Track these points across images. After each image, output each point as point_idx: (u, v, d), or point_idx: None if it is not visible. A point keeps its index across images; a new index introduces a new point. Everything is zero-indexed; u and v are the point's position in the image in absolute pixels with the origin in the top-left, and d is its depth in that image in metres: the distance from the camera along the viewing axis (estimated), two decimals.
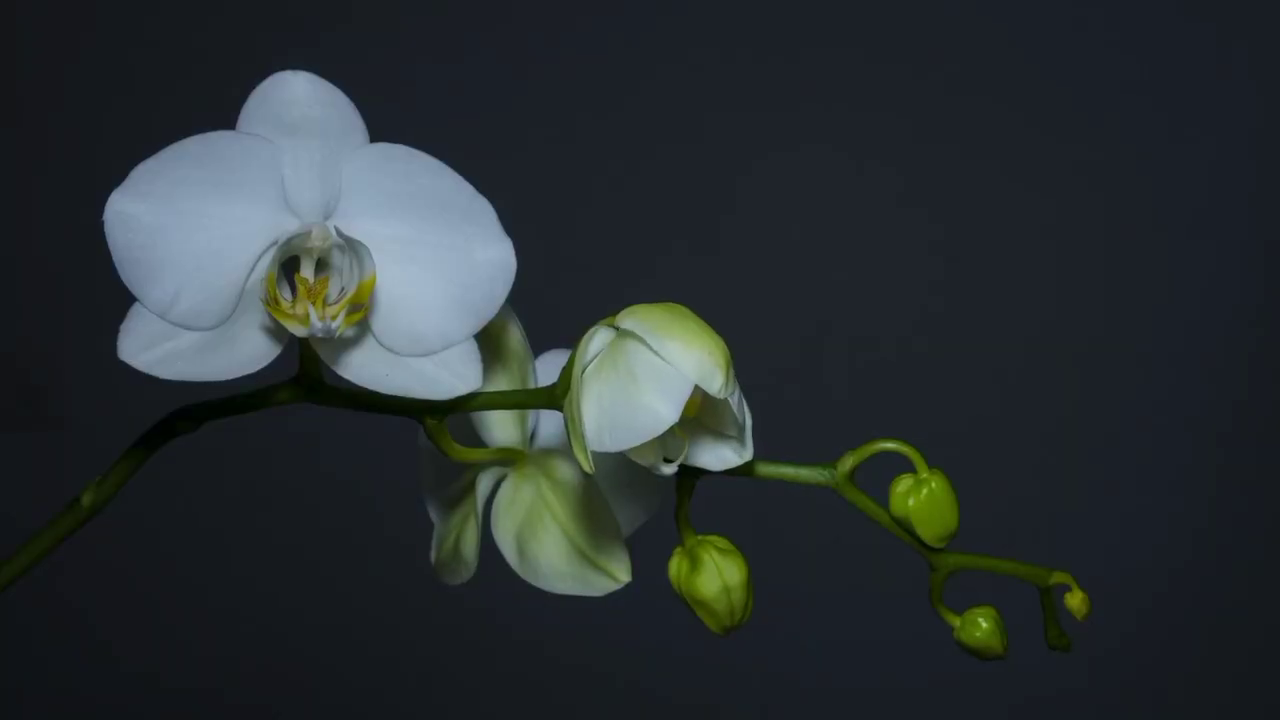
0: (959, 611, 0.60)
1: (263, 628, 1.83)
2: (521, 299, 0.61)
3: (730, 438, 0.59)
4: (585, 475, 0.66)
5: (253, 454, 1.77)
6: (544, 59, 1.82)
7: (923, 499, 0.58)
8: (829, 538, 1.74)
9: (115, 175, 0.55)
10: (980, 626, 0.60)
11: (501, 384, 0.64)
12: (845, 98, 1.82)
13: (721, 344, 0.55)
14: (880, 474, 0.60)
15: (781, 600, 1.52)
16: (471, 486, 0.67)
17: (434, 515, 0.70)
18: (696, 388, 0.54)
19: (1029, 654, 0.74)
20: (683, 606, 0.61)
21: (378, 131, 0.58)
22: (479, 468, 0.66)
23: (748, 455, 0.59)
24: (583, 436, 0.55)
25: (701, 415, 0.58)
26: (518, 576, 0.67)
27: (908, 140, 1.82)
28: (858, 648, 1.81)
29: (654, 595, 0.71)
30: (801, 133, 1.82)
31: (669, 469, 0.56)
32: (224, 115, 0.58)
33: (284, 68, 0.57)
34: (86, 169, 1.76)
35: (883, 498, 0.59)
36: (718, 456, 0.59)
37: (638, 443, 0.54)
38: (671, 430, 0.56)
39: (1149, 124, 1.81)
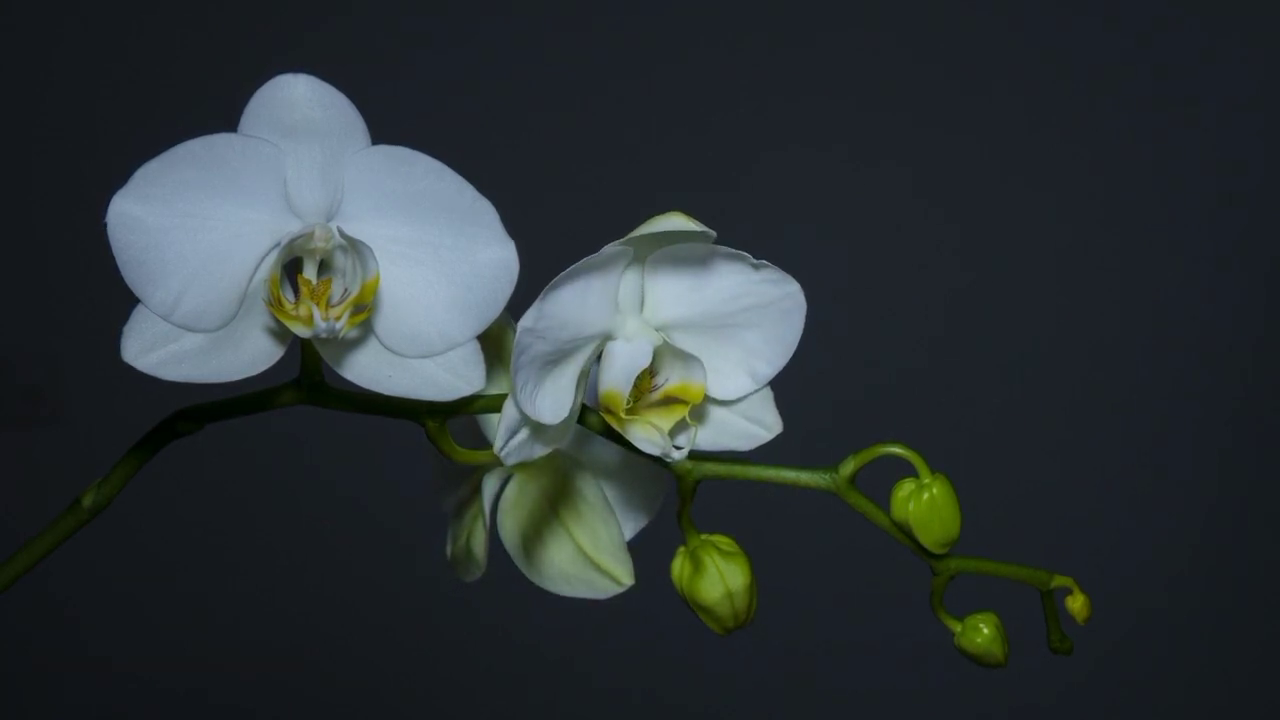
0: (960, 616, 0.60)
1: (260, 629, 1.83)
2: (521, 300, 0.61)
3: (757, 413, 0.59)
4: (590, 478, 0.66)
5: (253, 455, 1.77)
6: (545, 59, 1.82)
7: (924, 504, 0.58)
8: (830, 541, 1.74)
9: (117, 176, 0.55)
10: (981, 632, 0.59)
11: (503, 386, 0.64)
12: (849, 98, 1.82)
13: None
14: (884, 478, 0.60)
15: (782, 603, 1.52)
16: (479, 487, 0.67)
17: (447, 513, 0.70)
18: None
19: (1030, 657, 0.74)
20: (684, 606, 0.60)
21: (379, 132, 0.58)
22: (485, 468, 0.66)
23: (777, 428, 0.59)
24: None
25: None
26: (517, 578, 0.67)
27: (911, 141, 1.82)
28: (858, 651, 1.81)
29: (655, 596, 0.71)
30: (804, 132, 1.82)
31: (679, 455, 0.56)
32: (226, 117, 0.58)
33: (285, 70, 0.57)
34: (87, 170, 1.76)
35: (885, 502, 0.59)
36: (747, 435, 0.60)
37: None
38: (683, 420, 0.56)
39: (1151, 126, 1.81)
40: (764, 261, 0.58)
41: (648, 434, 0.57)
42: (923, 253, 1.83)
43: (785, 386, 0.61)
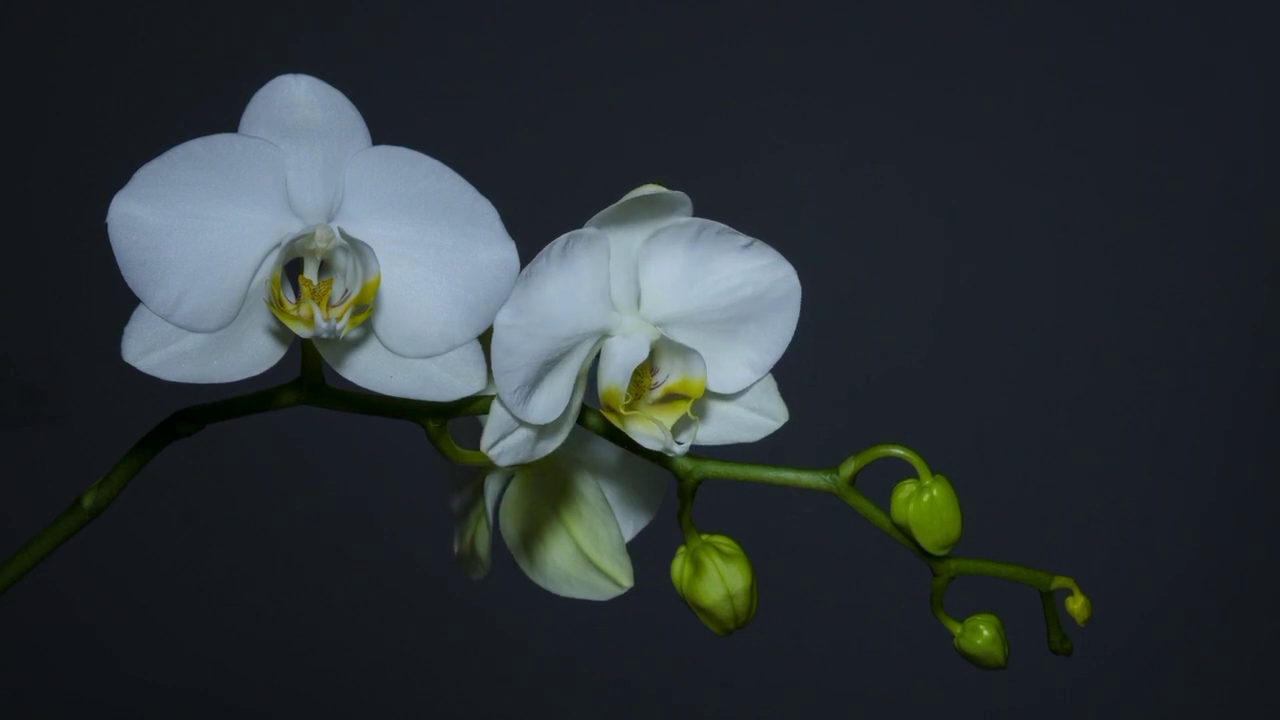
0: (960, 617, 0.60)
1: (259, 629, 1.83)
2: None
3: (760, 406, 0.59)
4: (590, 478, 0.66)
5: (253, 455, 1.77)
6: (545, 59, 1.82)
7: (924, 505, 0.57)
8: (830, 542, 1.74)
9: (117, 177, 0.55)
10: (981, 634, 0.59)
11: None
12: (847, 97, 1.82)
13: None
14: (885, 479, 0.60)
15: (782, 604, 1.52)
16: (482, 488, 0.67)
17: (455, 511, 0.70)
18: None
19: (1030, 657, 0.74)
20: (684, 606, 0.60)
21: (379, 132, 0.58)
22: (488, 469, 0.66)
23: (783, 417, 0.60)
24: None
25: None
26: (519, 577, 0.67)
27: (911, 141, 1.82)
28: (858, 651, 1.81)
29: (656, 595, 0.71)
30: (803, 132, 1.82)
31: (680, 450, 0.56)
32: (226, 117, 0.58)
33: (285, 70, 0.57)
34: (88, 170, 1.76)
35: (886, 503, 0.59)
36: (753, 426, 0.60)
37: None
38: (685, 416, 0.56)
39: (1151, 126, 1.81)
40: (752, 240, 0.58)
41: (649, 429, 0.57)
42: (922, 253, 1.83)
43: (786, 387, 0.61)
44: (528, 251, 0.58)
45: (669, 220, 0.58)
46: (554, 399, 0.57)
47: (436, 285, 0.58)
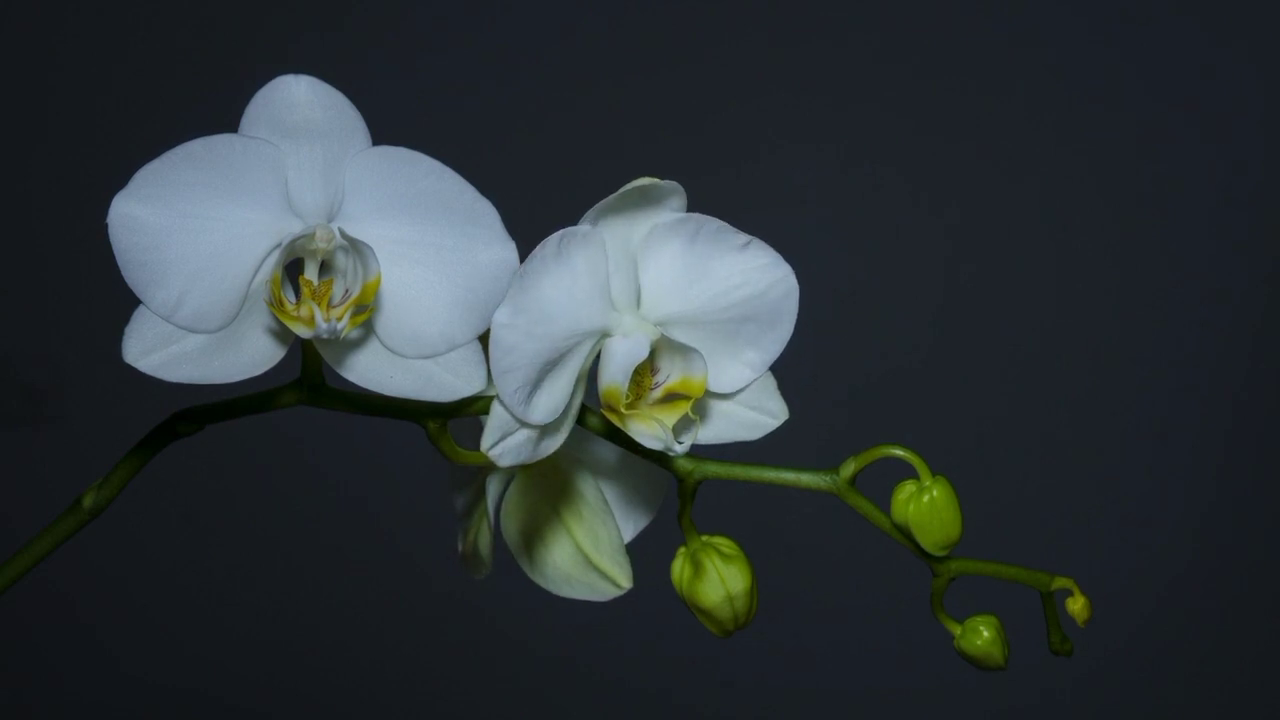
0: (960, 618, 0.60)
1: (259, 629, 1.83)
2: None
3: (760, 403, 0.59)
4: (590, 479, 0.66)
5: (253, 455, 1.77)
6: (545, 59, 1.82)
7: (924, 506, 0.57)
8: (830, 542, 1.74)
9: (117, 177, 0.55)
10: (981, 635, 0.59)
11: None
12: (847, 97, 1.82)
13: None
14: (885, 479, 0.59)
15: (782, 604, 1.52)
16: (484, 488, 0.67)
17: (459, 511, 0.70)
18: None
19: (1031, 657, 0.74)
20: (684, 606, 0.60)
21: (380, 132, 0.58)
22: (489, 470, 0.66)
23: (783, 415, 0.59)
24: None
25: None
26: (519, 577, 0.67)
27: (912, 142, 1.82)
28: (858, 651, 1.81)
29: (657, 595, 0.71)
30: (803, 132, 1.82)
31: (681, 449, 0.56)
32: (226, 118, 0.58)
33: (286, 71, 0.57)
34: (88, 170, 1.76)
35: (886, 503, 0.59)
36: (753, 424, 0.59)
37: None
38: (686, 415, 0.56)
39: (1151, 126, 1.81)
40: (751, 238, 0.58)
41: (650, 429, 0.56)
42: (922, 253, 1.83)
43: (786, 387, 0.61)
44: (527, 251, 0.58)
45: (664, 214, 0.58)
46: (554, 399, 0.57)
47: (437, 285, 0.58)
